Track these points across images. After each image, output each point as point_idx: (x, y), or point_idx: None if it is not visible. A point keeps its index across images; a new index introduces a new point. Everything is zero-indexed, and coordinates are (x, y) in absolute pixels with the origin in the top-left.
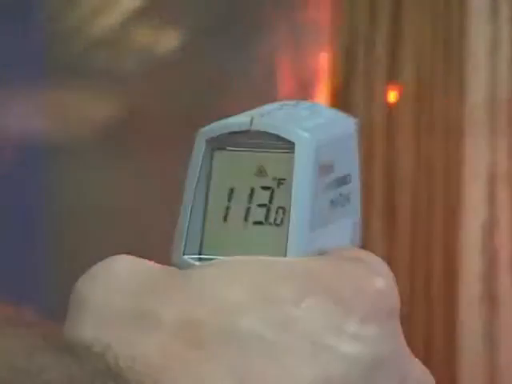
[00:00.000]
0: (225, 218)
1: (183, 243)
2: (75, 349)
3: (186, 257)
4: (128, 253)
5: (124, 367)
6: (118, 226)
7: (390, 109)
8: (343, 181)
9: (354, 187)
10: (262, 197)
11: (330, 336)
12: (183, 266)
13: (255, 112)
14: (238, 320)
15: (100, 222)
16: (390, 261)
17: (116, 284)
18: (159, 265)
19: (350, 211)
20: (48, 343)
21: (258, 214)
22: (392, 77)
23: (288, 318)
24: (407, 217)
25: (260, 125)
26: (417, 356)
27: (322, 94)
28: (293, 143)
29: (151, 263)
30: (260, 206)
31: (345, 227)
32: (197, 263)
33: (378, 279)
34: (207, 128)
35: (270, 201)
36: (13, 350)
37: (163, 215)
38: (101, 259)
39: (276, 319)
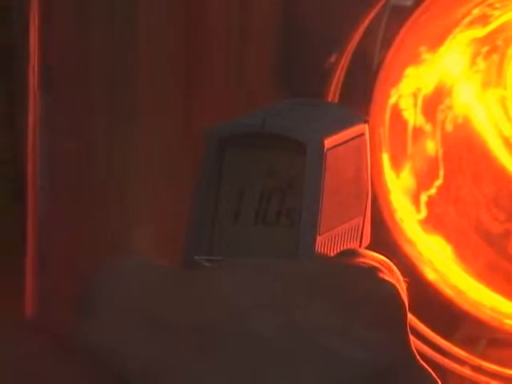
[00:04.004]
0: (235, 219)
1: (193, 244)
2: (81, 352)
3: (195, 258)
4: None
5: (131, 370)
6: None
7: None
8: (352, 182)
9: (362, 188)
10: (273, 198)
11: (336, 341)
12: (193, 267)
13: (267, 112)
14: (245, 324)
15: None
16: None
17: (125, 285)
18: (169, 266)
19: (358, 212)
20: (54, 347)
21: (269, 215)
22: None
23: (295, 322)
24: None
25: (272, 127)
26: None
27: None
28: (304, 145)
29: (161, 264)
30: (271, 207)
31: (353, 228)
32: (207, 264)
33: (386, 284)
34: (218, 128)
35: (281, 202)
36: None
37: None
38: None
39: (283, 324)
